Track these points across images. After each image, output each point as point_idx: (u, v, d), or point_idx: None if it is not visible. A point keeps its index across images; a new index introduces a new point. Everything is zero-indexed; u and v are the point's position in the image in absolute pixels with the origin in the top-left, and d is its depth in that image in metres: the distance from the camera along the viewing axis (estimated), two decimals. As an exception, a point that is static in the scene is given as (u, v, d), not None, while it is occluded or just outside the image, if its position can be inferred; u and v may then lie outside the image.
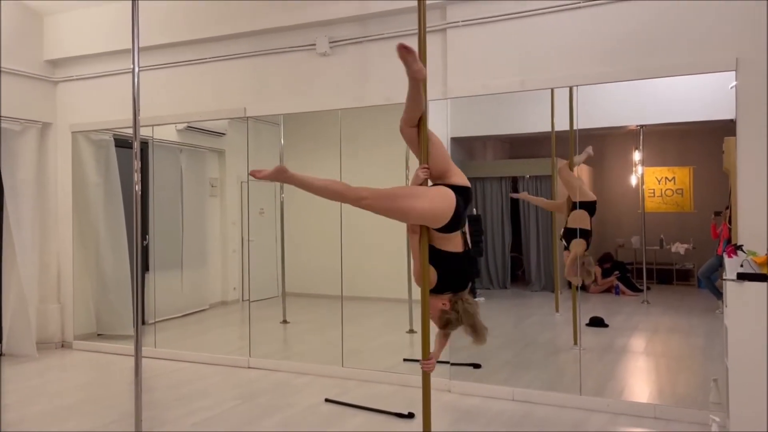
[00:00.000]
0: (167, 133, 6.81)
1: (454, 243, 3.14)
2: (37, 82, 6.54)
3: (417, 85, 3.09)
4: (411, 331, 5.96)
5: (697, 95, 4.68)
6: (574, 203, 5.08)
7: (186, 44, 5.97)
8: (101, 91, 6.47)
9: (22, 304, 6.13)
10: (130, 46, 3.71)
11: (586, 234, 5.10)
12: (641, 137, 5.31)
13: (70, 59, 6.55)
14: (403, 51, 2.97)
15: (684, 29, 4.23)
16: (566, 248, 5.20)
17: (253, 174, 3.06)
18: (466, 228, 3.22)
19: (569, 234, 5.14)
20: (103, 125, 6.50)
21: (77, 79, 6.59)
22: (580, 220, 5.08)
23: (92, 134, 6.64)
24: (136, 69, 3.70)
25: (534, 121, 5.47)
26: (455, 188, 3.13)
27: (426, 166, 3.21)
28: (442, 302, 3.14)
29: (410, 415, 4.24)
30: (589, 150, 5.17)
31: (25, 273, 6.20)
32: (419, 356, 3.19)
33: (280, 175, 3.03)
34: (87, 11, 6.36)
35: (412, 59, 3.00)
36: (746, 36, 4.06)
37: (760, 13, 4.01)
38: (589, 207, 5.10)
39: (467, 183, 3.21)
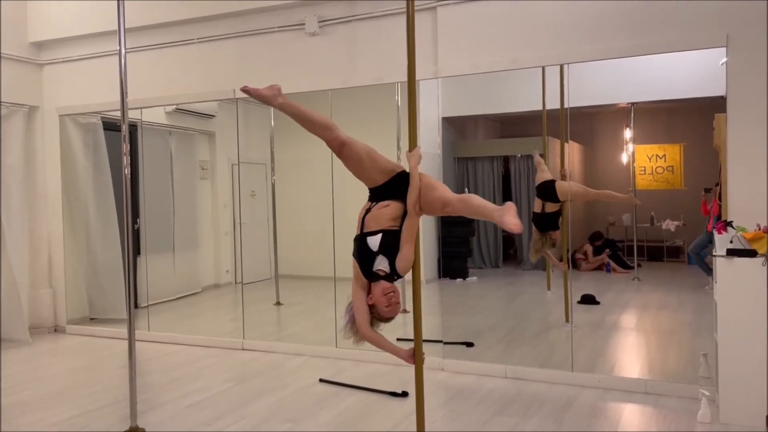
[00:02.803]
0: (156, 116, 6.76)
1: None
2: (22, 64, 6.44)
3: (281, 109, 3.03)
4: (404, 310, 5.98)
5: (688, 72, 4.68)
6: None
7: (173, 25, 5.89)
8: (88, 73, 6.39)
9: (13, 289, 6.11)
10: (117, 27, 3.65)
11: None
12: (632, 115, 5.31)
13: (55, 41, 6.46)
14: (250, 94, 2.97)
15: (674, 6, 4.21)
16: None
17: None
18: None
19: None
20: (90, 108, 6.43)
21: (63, 62, 6.50)
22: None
23: (80, 117, 6.57)
24: (123, 50, 3.65)
25: (525, 100, 5.46)
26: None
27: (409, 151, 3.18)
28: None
29: (404, 394, 4.28)
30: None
31: (15, 258, 6.17)
32: (412, 336, 3.21)
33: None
34: (71, -8, 6.26)
35: (261, 95, 2.99)
36: (736, 12, 4.04)
37: (751, -12, 4.00)
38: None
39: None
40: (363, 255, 3.04)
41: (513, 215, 2.80)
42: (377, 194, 3.11)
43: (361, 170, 3.09)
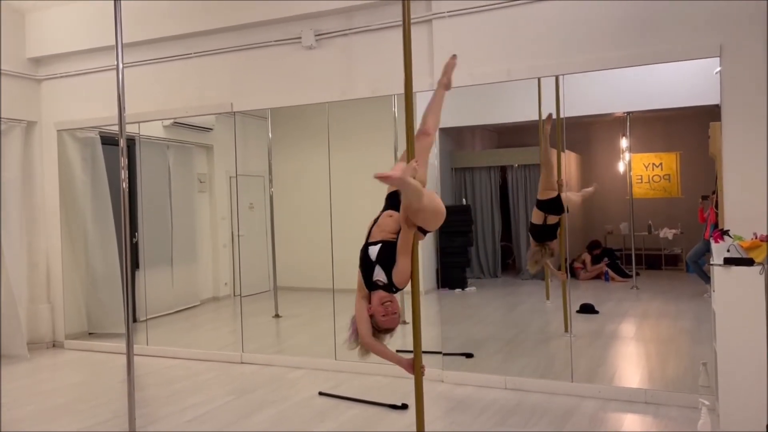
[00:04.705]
0: (154, 130, 6.77)
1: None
2: (20, 80, 6.46)
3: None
4: (403, 322, 5.96)
5: (683, 81, 4.70)
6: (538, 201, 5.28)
7: (171, 39, 5.92)
8: (86, 88, 6.41)
9: (11, 304, 6.09)
10: (114, 42, 3.67)
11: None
12: (628, 124, 5.33)
13: (53, 57, 6.49)
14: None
15: (668, 16, 4.25)
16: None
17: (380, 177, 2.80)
18: None
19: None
20: (88, 123, 6.45)
21: (61, 77, 6.52)
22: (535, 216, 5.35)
23: (78, 132, 6.59)
24: (120, 65, 3.66)
25: (521, 110, 5.49)
26: None
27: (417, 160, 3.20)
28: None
29: (404, 407, 4.26)
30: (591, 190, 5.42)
31: (13, 273, 6.15)
32: (411, 347, 3.20)
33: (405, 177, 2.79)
34: (69, 7, 6.29)
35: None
36: (729, 22, 4.08)
37: (743, -2, 4.04)
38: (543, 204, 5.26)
39: None
40: (365, 264, 3.06)
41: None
42: (390, 202, 3.14)
43: None
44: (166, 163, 7.18)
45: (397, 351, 5.47)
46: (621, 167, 5.48)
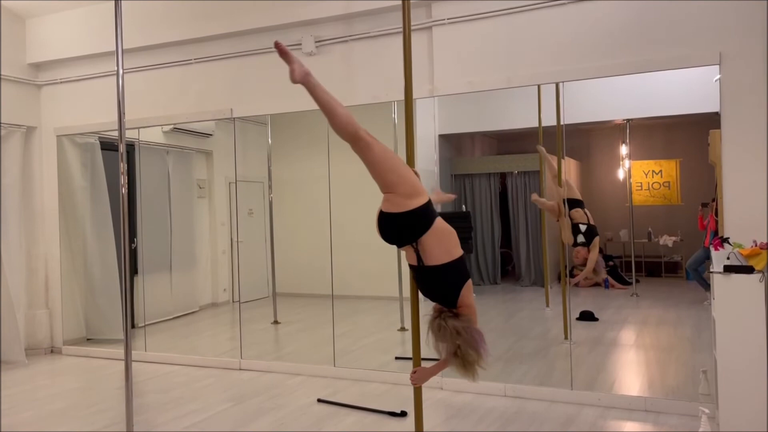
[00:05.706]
0: (153, 135, 6.78)
1: (409, 255, 2.99)
2: (20, 85, 6.47)
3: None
4: (402, 328, 5.97)
5: (682, 89, 4.71)
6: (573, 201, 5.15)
7: (171, 45, 5.93)
8: (86, 93, 6.41)
9: (9, 310, 6.08)
10: (114, 48, 3.68)
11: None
12: (627, 131, 5.34)
13: (53, 62, 6.49)
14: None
15: (668, 25, 4.26)
16: (579, 245, 5.21)
17: (278, 45, 2.72)
18: (419, 245, 2.90)
19: (591, 231, 5.18)
20: (88, 128, 6.45)
21: (61, 82, 6.53)
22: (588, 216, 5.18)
23: (77, 137, 6.59)
24: (121, 71, 3.67)
25: (521, 117, 5.49)
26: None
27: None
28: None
29: (403, 414, 4.25)
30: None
31: (12, 278, 6.14)
32: (411, 354, 3.20)
33: (303, 73, 2.77)
34: (70, 13, 6.30)
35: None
36: (729, 30, 4.09)
37: (742, 7, 4.05)
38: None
39: (398, 209, 2.84)
40: None
41: None
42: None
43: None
44: (166, 169, 7.18)
45: (396, 358, 5.50)
46: (621, 174, 5.48)
